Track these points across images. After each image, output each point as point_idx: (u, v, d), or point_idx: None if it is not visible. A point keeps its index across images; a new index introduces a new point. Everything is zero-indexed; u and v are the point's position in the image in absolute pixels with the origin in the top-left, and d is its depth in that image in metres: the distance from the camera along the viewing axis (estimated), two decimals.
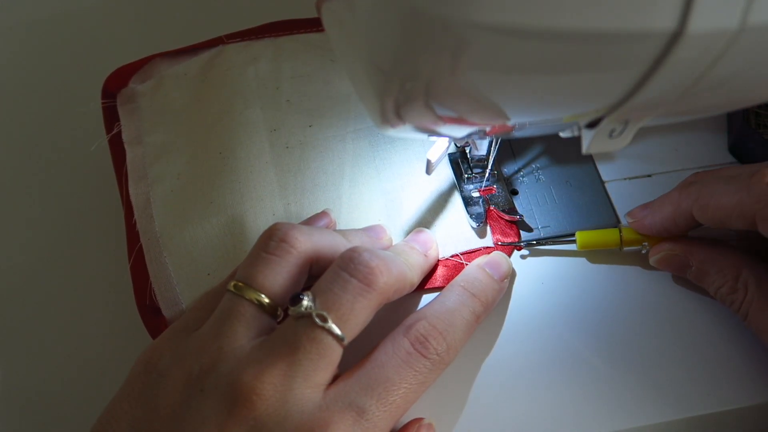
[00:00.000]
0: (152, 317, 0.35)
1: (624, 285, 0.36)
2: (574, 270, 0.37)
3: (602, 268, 0.37)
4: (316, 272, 0.31)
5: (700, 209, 0.32)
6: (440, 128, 0.28)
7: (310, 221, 0.36)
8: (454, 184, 0.39)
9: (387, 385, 0.28)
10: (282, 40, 0.43)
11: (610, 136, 0.26)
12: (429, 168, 0.36)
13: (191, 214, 0.37)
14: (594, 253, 0.37)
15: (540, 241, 0.37)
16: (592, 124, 0.26)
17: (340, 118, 0.40)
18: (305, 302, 0.28)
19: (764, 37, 0.19)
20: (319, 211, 0.37)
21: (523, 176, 0.40)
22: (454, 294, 0.32)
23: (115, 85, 0.42)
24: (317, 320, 0.28)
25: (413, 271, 0.33)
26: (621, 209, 0.38)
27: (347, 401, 0.27)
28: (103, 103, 0.42)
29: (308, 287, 0.30)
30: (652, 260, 0.35)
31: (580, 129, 0.27)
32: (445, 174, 0.39)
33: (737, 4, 0.18)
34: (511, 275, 0.36)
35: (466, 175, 0.39)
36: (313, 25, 0.44)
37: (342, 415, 0.27)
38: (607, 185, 0.40)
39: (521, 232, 0.38)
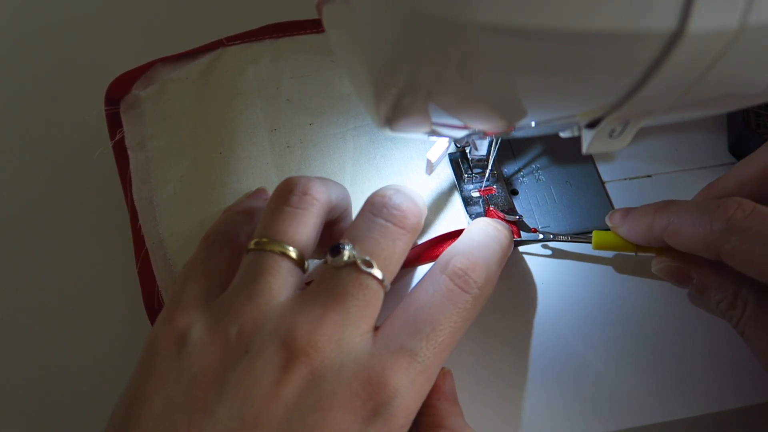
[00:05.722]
0: None
1: (625, 284, 0.36)
2: (575, 270, 0.37)
3: (602, 268, 0.37)
4: (329, 224, 0.31)
5: (670, 236, 0.32)
6: (440, 128, 0.28)
7: (251, 200, 0.36)
8: (454, 184, 0.39)
9: (434, 326, 0.28)
10: (282, 41, 0.43)
11: (610, 136, 0.26)
12: (429, 168, 0.36)
13: (194, 215, 0.37)
14: (595, 254, 0.37)
15: (556, 237, 0.37)
16: (592, 124, 0.26)
17: (340, 116, 0.41)
18: (347, 251, 0.28)
19: (764, 37, 0.19)
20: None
21: (523, 176, 0.40)
22: (479, 227, 0.33)
23: (118, 91, 0.42)
24: (363, 267, 0.28)
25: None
26: None
27: (398, 345, 0.27)
28: (106, 110, 0.42)
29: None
30: (654, 269, 0.35)
31: (580, 129, 0.27)
32: (445, 174, 0.39)
33: (737, 4, 0.18)
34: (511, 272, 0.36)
35: (466, 175, 0.39)
36: (314, 26, 0.44)
37: (395, 359, 0.27)
38: (607, 185, 0.40)
39: (521, 232, 0.38)
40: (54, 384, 0.37)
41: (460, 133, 0.31)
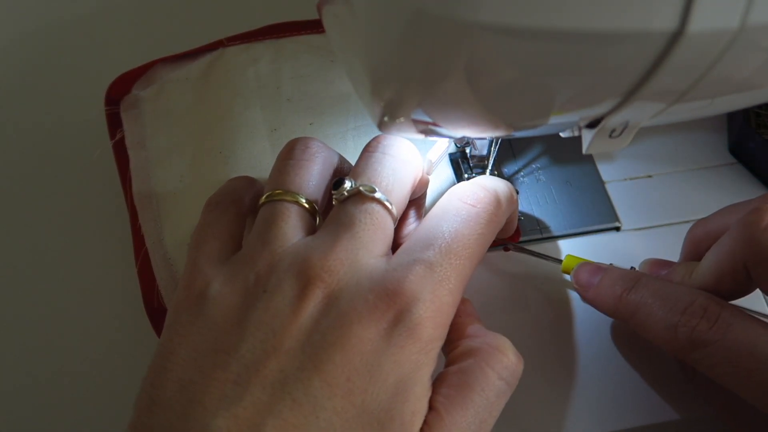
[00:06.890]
0: (161, 320, 0.35)
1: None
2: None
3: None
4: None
5: (637, 327, 0.30)
6: (439, 128, 0.28)
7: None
8: (454, 184, 0.39)
9: (444, 237, 0.28)
10: (283, 41, 0.43)
11: (611, 136, 0.26)
12: (429, 168, 0.36)
13: (194, 215, 0.37)
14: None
15: (527, 251, 0.37)
16: (592, 124, 0.26)
17: (340, 116, 0.41)
18: (348, 183, 0.29)
19: (764, 37, 0.20)
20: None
21: (523, 176, 0.40)
22: (486, 176, 0.33)
23: (118, 91, 0.42)
24: (366, 192, 0.28)
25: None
26: (621, 209, 0.38)
27: (411, 259, 0.27)
28: (106, 110, 0.42)
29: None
30: None
31: (580, 129, 0.27)
32: (445, 174, 0.39)
33: (737, 4, 0.18)
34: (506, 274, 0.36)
35: (466, 175, 0.39)
36: (314, 26, 0.44)
37: (411, 269, 0.27)
38: (607, 185, 0.40)
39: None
40: (54, 384, 0.37)
41: (460, 133, 0.31)
